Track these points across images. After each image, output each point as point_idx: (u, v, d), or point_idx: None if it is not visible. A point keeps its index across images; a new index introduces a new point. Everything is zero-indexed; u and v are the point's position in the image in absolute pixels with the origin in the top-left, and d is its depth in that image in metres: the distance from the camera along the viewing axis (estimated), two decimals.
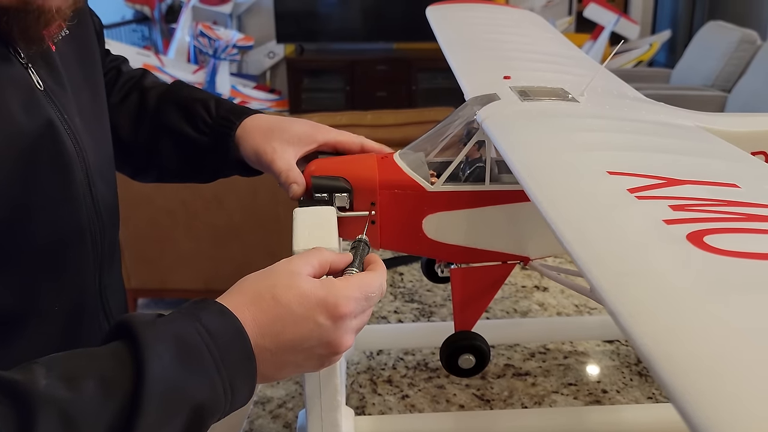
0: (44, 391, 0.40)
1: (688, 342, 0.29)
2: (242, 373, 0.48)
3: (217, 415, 0.47)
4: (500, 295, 1.11)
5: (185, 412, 0.44)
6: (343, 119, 2.36)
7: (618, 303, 0.33)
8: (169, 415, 0.43)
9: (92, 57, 0.73)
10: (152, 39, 5.26)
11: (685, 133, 0.65)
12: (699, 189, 0.47)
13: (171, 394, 0.43)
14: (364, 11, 5.00)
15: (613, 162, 0.52)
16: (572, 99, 0.71)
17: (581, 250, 0.39)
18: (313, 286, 0.52)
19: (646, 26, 5.13)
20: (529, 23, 1.17)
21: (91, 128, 0.69)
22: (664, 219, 0.41)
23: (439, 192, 0.71)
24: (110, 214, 0.70)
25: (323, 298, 0.51)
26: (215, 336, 0.47)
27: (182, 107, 0.81)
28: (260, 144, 0.75)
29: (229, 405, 0.48)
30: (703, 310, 0.31)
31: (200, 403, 0.45)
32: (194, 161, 0.82)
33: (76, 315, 0.66)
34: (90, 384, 0.42)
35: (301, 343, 0.51)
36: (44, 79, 0.62)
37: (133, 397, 0.42)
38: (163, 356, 0.44)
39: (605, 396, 0.87)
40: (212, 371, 0.46)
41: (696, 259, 0.36)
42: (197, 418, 0.45)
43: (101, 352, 0.45)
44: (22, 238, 0.58)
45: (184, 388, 0.44)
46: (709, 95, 3.78)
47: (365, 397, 0.87)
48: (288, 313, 0.51)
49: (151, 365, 0.43)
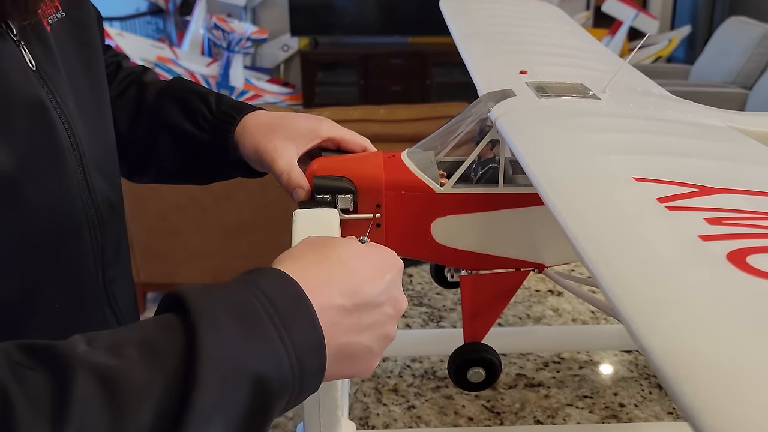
0: (83, 356, 0.36)
1: (735, 389, 0.25)
2: (308, 342, 0.42)
3: (286, 392, 0.41)
4: (513, 300, 1.06)
5: (247, 385, 0.39)
6: (355, 114, 2.32)
7: (650, 338, 0.28)
8: (230, 387, 0.38)
9: (91, 43, 0.69)
10: (166, 31, 5.24)
11: (716, 135, 0.60)
12: (737, 199, 0.42)
13: (230, 364, 0.38)
14: (379, 4, 4.95)
15: (640, 167, 0.47)
16: (593, 96, 0.67)
17: (606, 271, 0.34)
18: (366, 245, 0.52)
19: (665, 21, 5.04)
20: (547, 15, 1.12)
21: (89, 117, 0.65)
22: (699, 234, 0.36)
23: (448, 194, 0.67)
24: (111, 208, 0.66)
25: (385, 252, 0.51)
26: (276, 302, 0.42)
27: (181, 102, 0.77)
28: (261, 141, 0.71)
29: (297, 382, 0.42)
30: (752, 350, 0.26)
31: (264, 376, 0.39)
32: (193, 159, 0.78)
33: (77, 310, 0.63)
34: (134, 351, 0.37)
35: (376, 297, 0.48)
36: (37, 58, 0.59)
37: (187, 367, 0.37)
38: (218, 324, 0.39)
39: (622, 410, 0.82)
40: (275, 339, 0.40)
41: (740, 284, 0.31)
42: (262, 393, 0.39)
43: (148, 323, 0.40)
44: (15, 231, 0.54)
45: (244, 357, 0.39)
46: (730, 92, 3.69)
47: (369, 407, 0.83)
48: (356, 265, 0.48)
49: (206, 333, 0.38)
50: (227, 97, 0.79)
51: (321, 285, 0.45)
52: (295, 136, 0.71)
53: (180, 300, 0.40)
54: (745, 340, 0.28)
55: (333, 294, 0.45)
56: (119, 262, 0.69)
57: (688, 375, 0.26)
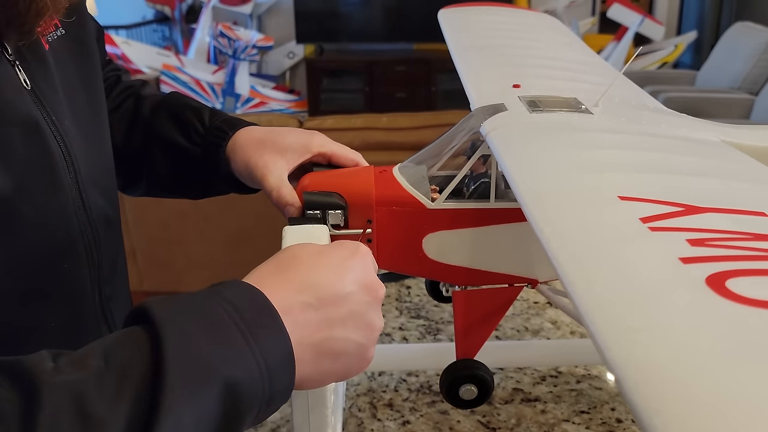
0: (50, 371, 0.36)
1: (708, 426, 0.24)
2: (276, 345, 0.42)
3: (256, 396, 0.41)
4: (511, 312, 1.05)
5: (216, 389, 0.38)
6: (358, 122, 2.31)
7: (623, 368, 0.28)
8: (199, 391, 0.38)
9: (90, 59, 0.69)
10: (172, 39, 5.27)
11: (707, 151, 0.59)
12: (721, 219, 0.42)
13: (197, 368, 0.38)
14: (385, 11, 4.96)
15: (626, 185, 0.47)
16: (585, 110, 0.66)
17: (585, 295, 0.34)
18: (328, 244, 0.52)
19: (671, 27, 5.02)
20: (545, 27, 1.11)
21: (87, 134, 0.65)
22: (680, 257, 0.36)
23: (440, 209, 0.66)
24: (107, 225, 0.66)
25: (343, 243, 0.51)
26: (240, 309, 0.42)
27: (175, 116, 0.78)
28: (251, 157, 0.71)
29: (268, 385, 0.41)
30: (729, 383, 0.26)
31: (233, 380, 0.39)
32: (185, 173, 0.78)
33: (74, 329, 0.62)
34: (100, 362, 0.37)
35: (341, 288, 0.47)
36: (33, 77, 0.59)
37: (154, 372, 0.37)
38: (183, 331, 0.39)
39: (619, 426, 0.81)
40: (241, 344, 0.40)
41: (717, 310, 0.31)
42: (232, 396, 0.39)
43: (114, 336, 0.40)
44: (10, 250, 0.54)
45: (211, 361, 0.39)
46: (736, 98, 3.68)
47: (363, 423, 0.82)
48: (311, 261, 0.48)
49: (171, 339, 0.38)
50: (221, 112, 0.79)
51: (278, 287, 0.45)
52: (286, 152, 0.71)
53: (144, 312, 0.40)
54: (724, 374, 0.27)
55: (291, 293, 0.45)
56: (116, 279, 0.69)
57: (658, 408, 0.26)
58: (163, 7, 5.11)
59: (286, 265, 0.48)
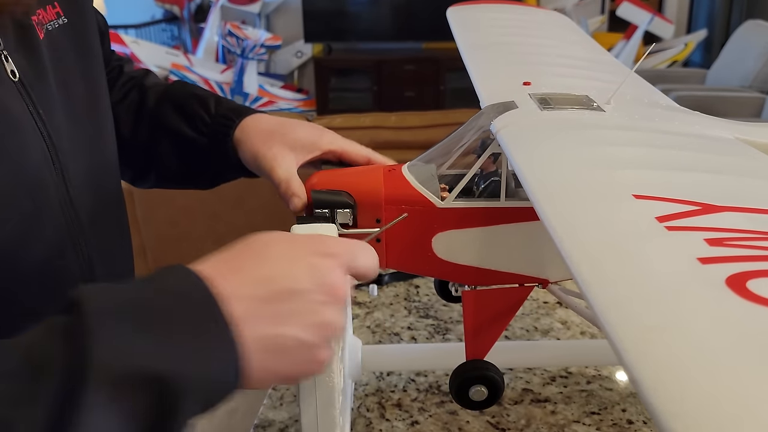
0: None
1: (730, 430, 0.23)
2: (215, 335, 0.40)
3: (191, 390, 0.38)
4: (520, 312, 1.04)
5: (148, 386, 0.36)
6: (366, 121, 2.31)
7: (640, 368, 0.27)
8: (126, 389, 0.36)
9: (91, 51, 0.68)
10: (181, 38, 5.27)
11: (723, 148, 0.58)
12: (739, 217, 0.41)
13: (125, 364, 0.36)
14: (393, 10, 4.95)
15: (641, 183, 0.46)
16: (597, 108, 0.65)
17: (599, 294, 0.33)
18: (290, 233, 0.49)
19: (681, 25, 4.99)
20: (555, 25, 1.10)
21: (83, 127, 0.63)
22: (699, 257, 0.35)
23: (450, 208, 0.65)
24: (101, 222, 0.64)
25: (306, 236, 0.49)
26: (182, 300, 0.40)
27: (181, 107, 0.77)
28: (259, 148, 0.70)
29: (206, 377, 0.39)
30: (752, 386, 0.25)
31: (163, 373, 0.37)
32: (193, 164, 0.77)
33: None
34: (11, 361, 0.35)
35: (295, 283, 0.44)
36: (22, 68, 0.57)
37: (71, 369, 0.35)
38: (112, 322, 0.37)
39: (631, 427, 0.80)
40: (175, 335, 0.38)
41: (738, 311, 0.30)
42: (165, 391, 0.37)
43: (34, 329, 0.38)
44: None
45: (144, 356, 0.37)
46: (747, 97, 3.65)
47: (372, 423, 0.82)
48: (272, 253, 0.45)
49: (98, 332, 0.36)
50: (227, 99, 0.78)
51: (229, 276, 0.42)
52: (295, 146, 0.70)
53: (76, 301, 0.38)
54: (743, 375, 0.26)
55: (244, 283, 0.43)
56: (115, 277, 0.67)
57: (678, 412, 0.25)
58: (172, 6, 5.11)
59: (243, 254, 0.45)
